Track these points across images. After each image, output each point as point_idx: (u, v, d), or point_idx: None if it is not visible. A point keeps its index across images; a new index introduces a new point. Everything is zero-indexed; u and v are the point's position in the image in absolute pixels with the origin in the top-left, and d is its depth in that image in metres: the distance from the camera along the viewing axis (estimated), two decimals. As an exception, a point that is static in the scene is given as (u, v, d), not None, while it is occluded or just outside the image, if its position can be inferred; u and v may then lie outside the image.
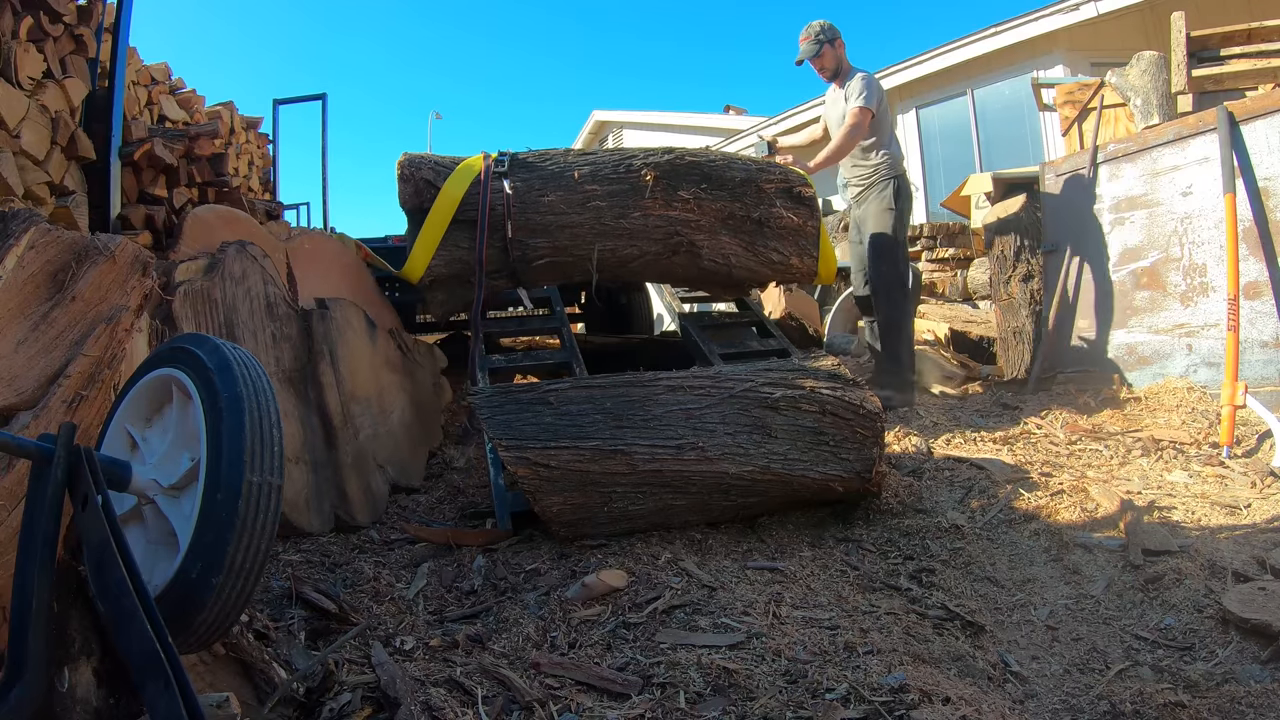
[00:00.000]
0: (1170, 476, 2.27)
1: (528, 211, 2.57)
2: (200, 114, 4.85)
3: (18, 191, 2.52)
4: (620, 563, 1.73)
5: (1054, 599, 1.65)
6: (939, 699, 1.12)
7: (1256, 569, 1.62)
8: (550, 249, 2.62)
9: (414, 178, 2.59)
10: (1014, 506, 2.08)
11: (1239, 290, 2.68)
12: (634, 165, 2.64)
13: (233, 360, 1.16)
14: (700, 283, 2.94)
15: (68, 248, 1.50)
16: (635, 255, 2.68)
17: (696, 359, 2.86)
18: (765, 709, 1.13)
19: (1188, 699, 1.22)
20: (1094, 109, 4.21)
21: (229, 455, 1.06)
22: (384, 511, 2.29)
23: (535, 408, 1.91)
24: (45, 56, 2.88)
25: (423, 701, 1.16)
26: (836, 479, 1.99)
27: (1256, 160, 2.79)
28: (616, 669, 1.28)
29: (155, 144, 3.18)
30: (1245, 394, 2.47)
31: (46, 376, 1.33)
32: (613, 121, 13.59)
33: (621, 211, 2.61)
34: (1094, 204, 3.33)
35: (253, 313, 2.19)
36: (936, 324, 4.18)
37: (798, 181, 2.82)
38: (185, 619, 1.02)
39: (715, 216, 2.68)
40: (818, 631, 1.41)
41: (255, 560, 1.06)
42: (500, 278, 2.69)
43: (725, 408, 1.97)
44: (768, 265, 2.79)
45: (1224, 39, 3.86)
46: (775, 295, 5.18)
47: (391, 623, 1.54)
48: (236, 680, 1.18)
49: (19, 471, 1.16)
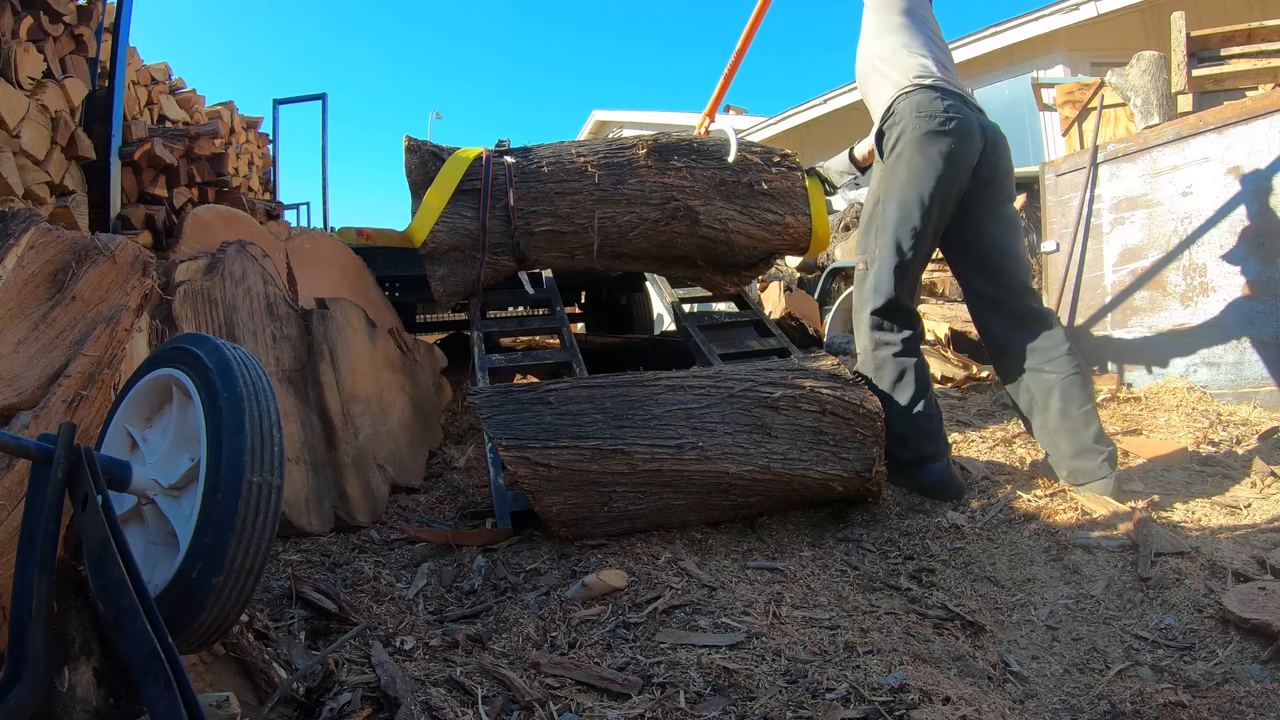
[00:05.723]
0: (1170, 475, 2.27)
1: (528, 181, 2.69)
2: (200, 114, 4.85)
3: (18, 191, 2.52)
4: (620, 562, 1.73)
5: (1054, 599, 1.65)
6: (939, 699, 1.12)
7: (1256, 569, 1.62)
8: (551, 216, 2.70)
9: (420, 149, 2.70)
10: (1014, 506, 2.08)
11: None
12: (626, 143, 2.81)
13: (233, 360, 1.16)
14: (700, 259, 2.94)
15: (68, 248, 1.50)
16: (635, 223, 2.74)
17: (696, 359, 2.86)
18: (765, 709, 1.13)
19: (1188, 699, 1.22)
20: (1094, 109, 4.22)
21: (229, 455, 1.06)
22: (384, 511, 2.29)
23: (535, 407, 1.91)
24: (45, 56, 2.88)
25: (423, 701, 1.16)
26: (836, 479, 1.99)
27: (1256, 160, 2.80)
28: (616, 669, 1.28)
29: (155, 144, 3.18)
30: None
31: (46, 376, 1.33)
32: (612, 121, 13.60)
33: (619, 178, 2.72)
34: (1094, 204, 3.33)
35: (253, 313, 2.19)
36: (937, 324, 4.18)
37: (778, 151, 2.98)
38: (185, 619, 1.02)
39: (708, 183, 2.78)
40: (818, 631, 1.41)
41: (255, 560, 1.06)
42: (503, 252, 2.73)
43: (725, 407, 1.97)
44: (764, 227, 2.84)
45: (1224, 39, 3.87)
46: (775, 295, 5.18)
47: (391, 623, 1.54)
48: (236, 680, 1.18)
49: (19, 471, 1.16)
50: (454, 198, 2.65)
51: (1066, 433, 2.15)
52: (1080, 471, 2.13)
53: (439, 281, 2.74)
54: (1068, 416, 2.15)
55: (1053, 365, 2.19)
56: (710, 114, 3.21)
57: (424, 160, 2.68)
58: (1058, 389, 2.17)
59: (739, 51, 3.00)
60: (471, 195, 2.67)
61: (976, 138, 2.21)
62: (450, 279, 2.75)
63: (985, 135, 2.24)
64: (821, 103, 9.45)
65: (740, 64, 3.05)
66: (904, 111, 2.22)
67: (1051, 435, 2.19)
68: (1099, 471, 2.10)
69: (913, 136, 2.18)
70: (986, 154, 2.23)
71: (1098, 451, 2.11)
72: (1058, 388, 2.17)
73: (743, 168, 2.83)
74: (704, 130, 3.19)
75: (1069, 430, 2.15)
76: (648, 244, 2.83)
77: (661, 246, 2.85)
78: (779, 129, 10.21)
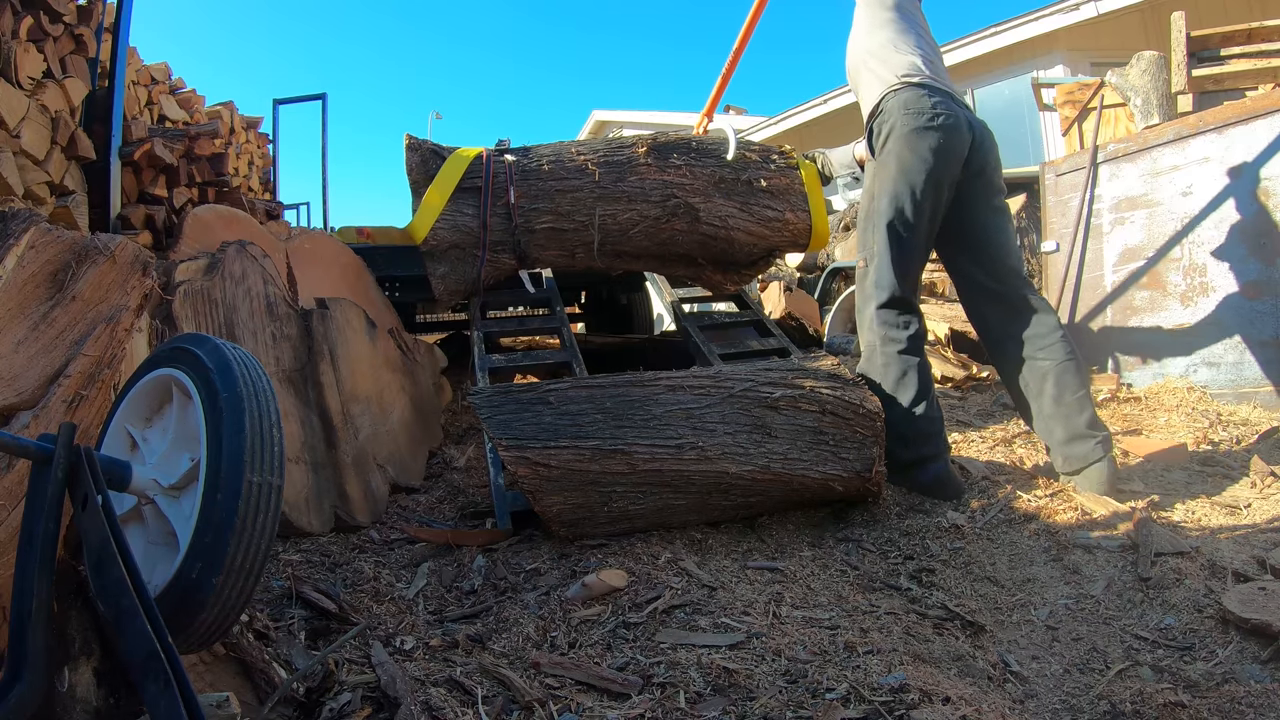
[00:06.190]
0: (1170, 475, 2.27)
1: (529, 178, 2.70)
2: (200, 114, 4.85)
3: (18, 191, 2.52)
4: (620, 562, 1.73)
5: (1054, 599, 1.65)
6: (939, 699, 1.12)
7: (1256, 569, 1.62)
8: (552, 213, 2.71)
9: (421, 147, 2.72)
10: (1014, 506, 2.08)
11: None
12: (625, 142, 2.83)
13: (233, 360, 1.16)
14: (701, 257, 2.94)
15: (68, 248, 1.50)
16: (636, 220, 2.75)
17: (696, 359, 2.86)
18: (765, 709, 1.13)
19: (1188, 699, 1.22)
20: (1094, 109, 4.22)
21: (229, 455, 1.06)
22: (384, 511, 2.29)
23: (535, 407, 1.91)
24: (45, 56, 2.88)
25: (423, 701, 1.16)
26: (836, 478, 1.99)
27: (1257, 160, 2.79)
28: (616, 669, 1.28)
29: (155, 144, 3.18)
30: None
31: (46, 376, 1.33)
32: (612, 121, 13.61)
33: (619, 175, 2.73)
34: (1094, 204, 3.33)
35: (253, 313, 2.19)
36: (937, 324, 4.18)
37: (775, 150, 2.99)
38: (185, 619, 1.02)
39: (708, 180, 2.79)
40: (818, 631, 1.41)
41: (255, 560, 1.06)
42: (503, 250, 2.74)
43: (725, 407, 1.97)
44: (764, 223, 2.85)
45: (1224, 39, 3.87)
46: (775, 295, 5.18)
47: (391, 623, 1.54)
48: (236, 680, 1.18)
49: (19, 471, 1.16)
50: (455, 195, 2.66)
51: (1061, 418, 2.18)
52: (1074, 456, 2.15)
53: (439, 280, 2.74)
54: (1061, 402, 2.18)
55: (1046, 352, 2.22)
56: (709, 114, 3.21)
57: (424, 158, 2.69)
58: (1052, 375, 2.20)
59: (736, 51, 3.01)
60: (472, 193, 2.68)
61: (964, 132, 2.25)
62: (451, 277, 2.75)
63: (973, 130, 2.28)
64: (821, 103, 9.45)
65: (738, 64, 3.06)
66: (892, 109, 2.26)
67: (1046, 421, 2.22)
68: (1093, 455, 2.12)
69: (901, 132, 2.22)
70: (975, 148, 2.28)
71: (1091, 436, 2.14)
72: (1052, 374, 2.20)
73: (741, 165, 2.85)
74: (702, 130, 3.20)
75: (1063, 416, 2.18)
76: (648, 241, 2.83)
77: (662, 244, 2.86)
78: (779, 129, 10.20)
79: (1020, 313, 2.27)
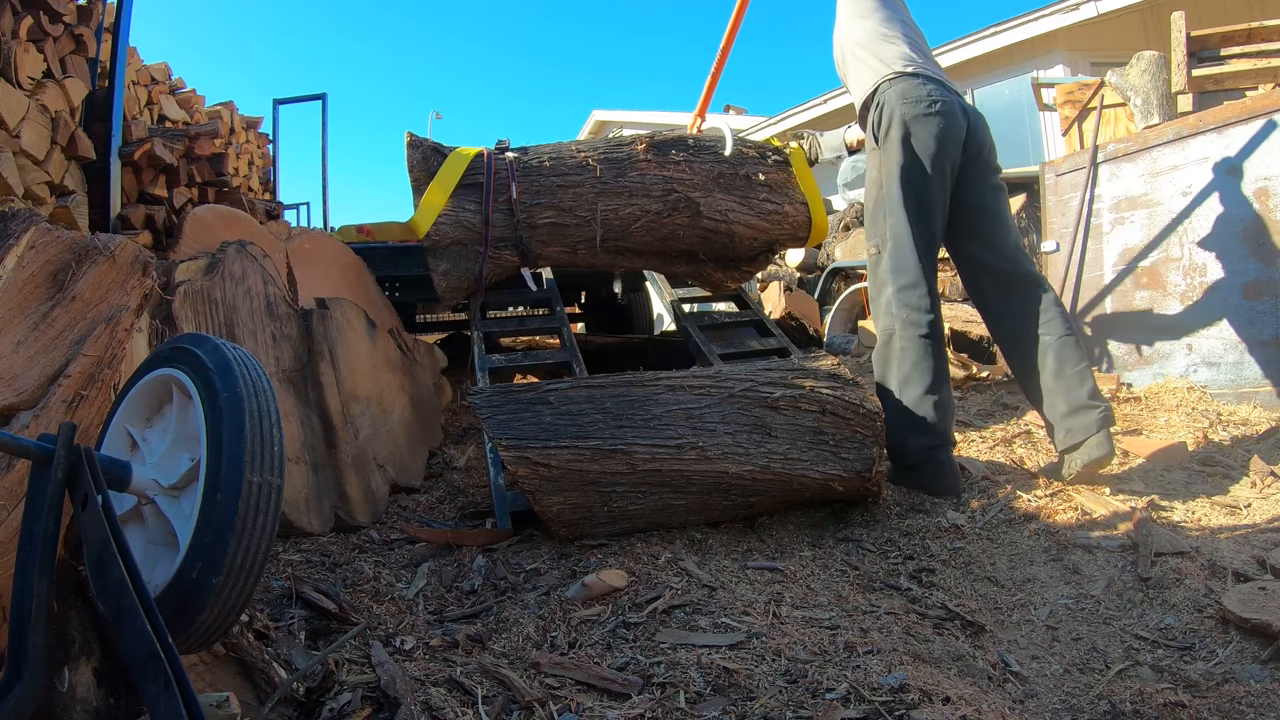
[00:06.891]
0: (1170, 475, 2.27)
1: (530, 175, 2.72)
2: (200, 114, 4.85)
3: (18, 191, 2.52)
4: (620, 562, 1.73)
5: (1054, 599, 1.65)
6: (939, 699, 1.12)
7: (1256, 569, 1.62)
8: (554, 209, 2.73)
9: (422, 145, 2.74)
10: (1014, 506, 2.08)
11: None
12: (625, 140, 2.86)
13: (233, 360, 1.16)
14: (702, 252, 2.94)
15: (68, 248, 1.50)
16: (637, 215, 2.76)
17: (696, 359, 2.86)
18: (765, 709, 1.13)
19: (1188, 699, 1.22)
20: (1094, 109, 4.21)
21: (229, 455, 1.06)
22: (384, 511, 2.29)
23: (535, 407, 1.91)
24: (45, 56, 2.88)
25: (423, 701, 1.16)
26: (836, 478, 1.99)
27: (1256, 160, 2.79)
28: (616, 669, 1.28)
29: (155, 144, 3.18)
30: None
31: (46, 376, 1.33)
32: (612, 121, 13.61)
33: (620, 171, 2.76)
34: (1094, 204, 3.33)
35: (253, 313, 2.19)
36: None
37: (770, 148, 3.03)
38: (185, 619, 1.02)
39: (707, 175, 2.81)
40: (818, 631, 1.41)
41: (255, 560, 1.06)
42: (505, 246, 2.75)
43: (725, 407, 1.97)
44: (764, 216, 2.88)
45: (1224, 39, 3.87)
46: (775, 295, 5.18)
47: (391, 623, 1.54)
48: (236, 680, 1.18)
49: (19, 471, 1.16)
50: (456, 192, 2.67)
51: (1061, 392, 2.22)
52: (1075, 429, 2.18)
53: (442, 276, 2.74)
54: (1062, 376, 2.22)
55: (1046, 328, 2.26)
56: (701, 113, 3.23)
57: (426, 156, 2.70)
58: (1052, 349, 2.24)
59: (723, 51, 3.04)
60: (474, 189, 2.69)
61: (960, 117, 2.32)
62: (453, 274, 2.75)
63: (967, 115, 2.36)
64: (821, 102, 9.45)
65: (725, 62, 3.08)
66: (892, 99, 2.31)
67: (1048, 396, 2.25)
68: (1092, 427, 2.15)
69: (903, 121, 2.28)
70: (971, 132, 2.35)
71: (1092, 407, 2.17)
72: (1052, 348, 2.24)
73: (739, 160, 2.87)
74: (696, 130, 3.21)
75: (1063, 389, 2.21)
76: (650, 237, 2.84)
77: (664, 240, 2.87)
78: (779, 129, 10.19)
79: (1020, 289, 2.32)
